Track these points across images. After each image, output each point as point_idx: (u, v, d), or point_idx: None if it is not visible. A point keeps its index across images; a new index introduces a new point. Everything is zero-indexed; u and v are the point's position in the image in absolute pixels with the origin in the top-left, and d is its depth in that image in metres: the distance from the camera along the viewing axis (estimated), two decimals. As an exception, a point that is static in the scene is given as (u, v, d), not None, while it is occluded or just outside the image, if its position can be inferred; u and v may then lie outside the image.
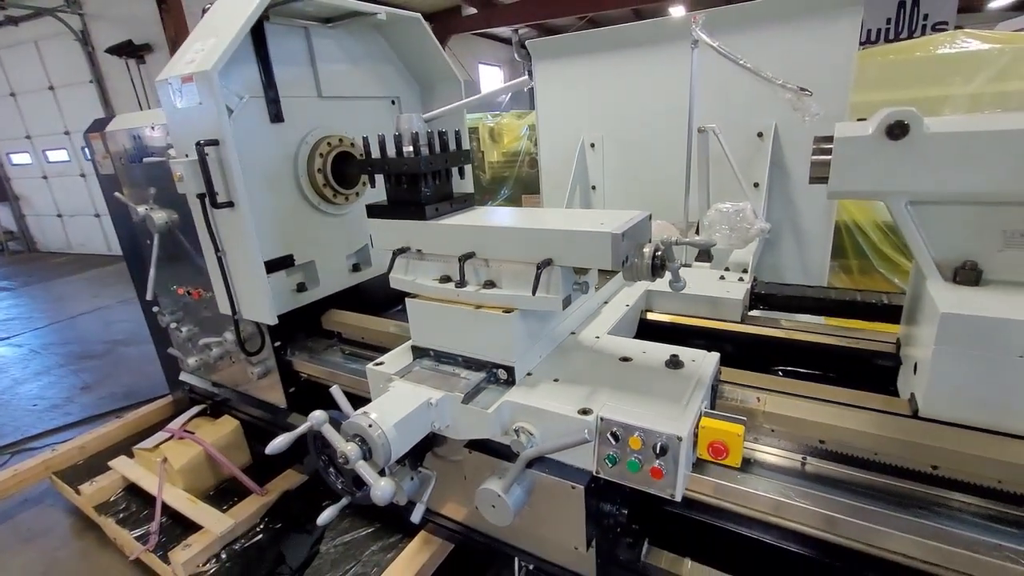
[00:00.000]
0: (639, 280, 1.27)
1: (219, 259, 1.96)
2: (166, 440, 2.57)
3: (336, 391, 1.51)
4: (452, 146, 1.54)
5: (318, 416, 1.20)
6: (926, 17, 7.75)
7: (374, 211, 1.54)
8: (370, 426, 1.17)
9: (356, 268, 2.69)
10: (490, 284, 1.39)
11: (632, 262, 1.23)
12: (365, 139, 1.49)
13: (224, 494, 2.50)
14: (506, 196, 7.53)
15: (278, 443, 1.16)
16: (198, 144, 1.72)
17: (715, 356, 1.45)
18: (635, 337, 1.87)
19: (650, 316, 2.03)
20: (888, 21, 7.89)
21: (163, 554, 2.15)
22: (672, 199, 2.59)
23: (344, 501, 1.40)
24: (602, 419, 1.20)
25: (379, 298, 2.73)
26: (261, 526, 2.28)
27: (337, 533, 2.21)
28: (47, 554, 2.42)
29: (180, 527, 2.30)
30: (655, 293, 2.03)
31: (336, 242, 2.54)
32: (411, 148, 1.44)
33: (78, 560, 2.38)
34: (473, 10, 10.97)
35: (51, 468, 2.74)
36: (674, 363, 1.42)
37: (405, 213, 1.47)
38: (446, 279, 1.46)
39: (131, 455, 2.66)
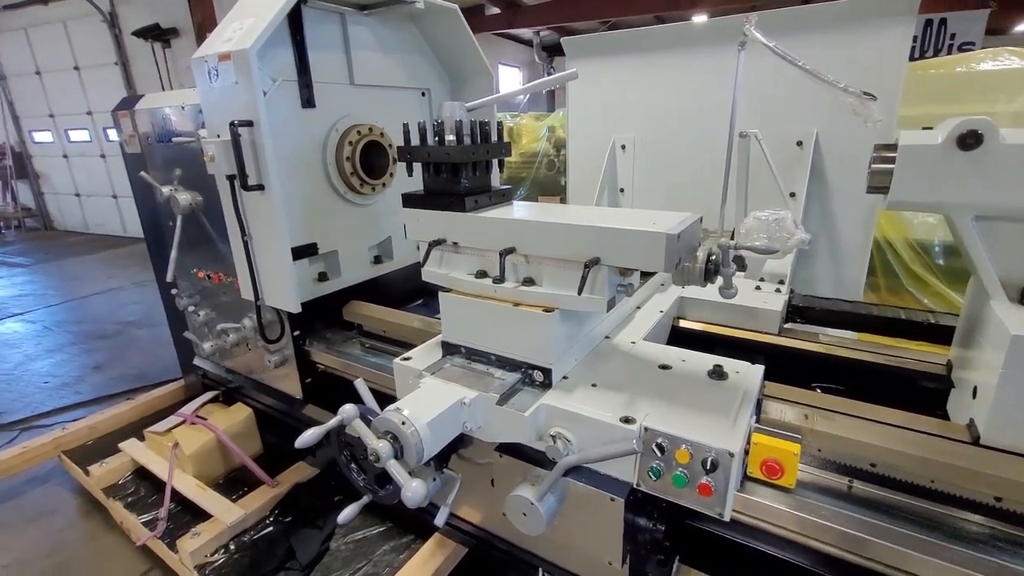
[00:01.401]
0: (690, 284, 1.21)
1: (245, 243, 1.92)
2: (178, 425, 2.54)
3: (360, 385, 1.46)
4: (493, 137, 1.48)
5: (349, 410, 1.15)
6: (952, 37, 7.65)
7: (410, 200, 1.49)
8: (403, 423, 1.12)
9: (378, 260, 2.65)
10: (529, 281, 1.33)
11: (684, 265, 1.18)
12: (405, 126, 1.44)
13: (234, 483, 2.46)
14: (522, 196, 7.49)
15: (308, 437, 1.11)
16: (232, 124, 1.68)
17: (759, 368, 1.39)
18: (667, 344, 1.81)
19: (683, 323, 1.96)
20: (915, 40, 7.79)
21: (170, 541, 2.11)
22: (705, 204, 2.51)
23: (365, 499, 1.35)
24: (646, 429, 1.14)
25: (398, 292, 2.69)
26: (271, 518, 2.23)
27: (348, 530, 2.15)
28: (53, 534, 2.39)
29: (188, 514, 2.26)
30: (689, 300, 1.96)
31: (360, 233, 2.50)
32: (453, 137, 1.39)
33: (84, 542, 2.34)
34: (496, 10, 10.96)
35: (61, 447, 2.71)
36: (718, 374, 1.35)
37: (443, 204, 1.42)
38: (482, 274, 1.41)
39: (142, 438, 2.63)
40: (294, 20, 2.01)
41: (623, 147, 2.86)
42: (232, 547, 2.09)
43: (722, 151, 2.28)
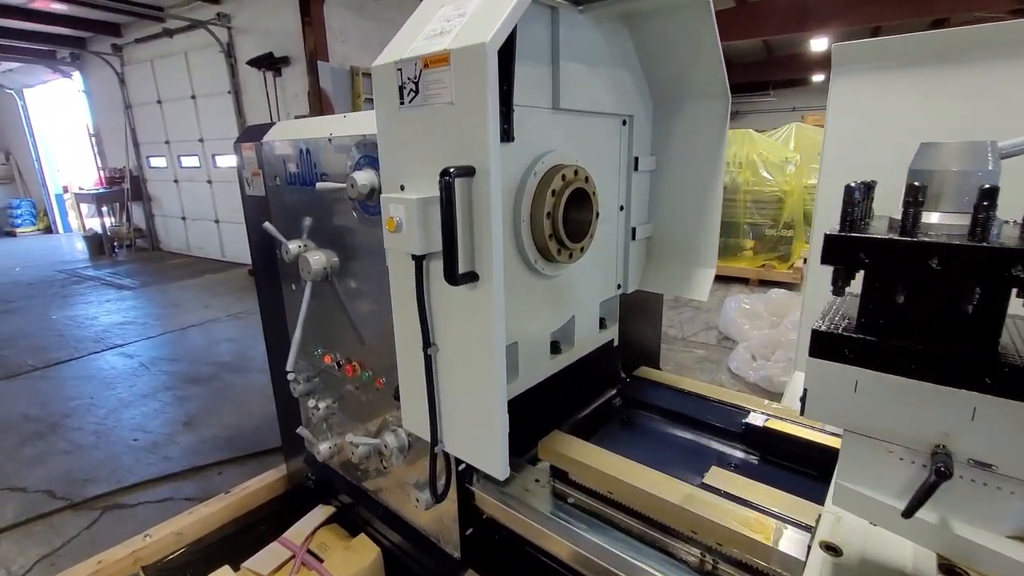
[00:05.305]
0: None
1: (428, 358, 1.20)
2: (285, 563, 1.88)
3: None
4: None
5: None
6: None
7: (842, 348, 0.69)
8: None
9: (555, 349, 1.90)
10: None
11: None
12: (849, 187, 0.66)
13: (352, 661, 1.75)
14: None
15: None
16: (445, 173, 0.98)
17: None
18: None
19: None
20: None
21: None
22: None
23: None
24: None
25: (571, 384, 1.95)
26: None
27: None
28: None
29: None
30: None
31: (542, 315, 1.76)
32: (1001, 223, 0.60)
33: None
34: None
35: (141, 561, 2.13)
36: None
37: (955, 372, 0.61)
38: (1057, 546, 0.58)
39: (236, 568, 1.99)
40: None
41: (920, 199, 1.95)
42: None
43: None
